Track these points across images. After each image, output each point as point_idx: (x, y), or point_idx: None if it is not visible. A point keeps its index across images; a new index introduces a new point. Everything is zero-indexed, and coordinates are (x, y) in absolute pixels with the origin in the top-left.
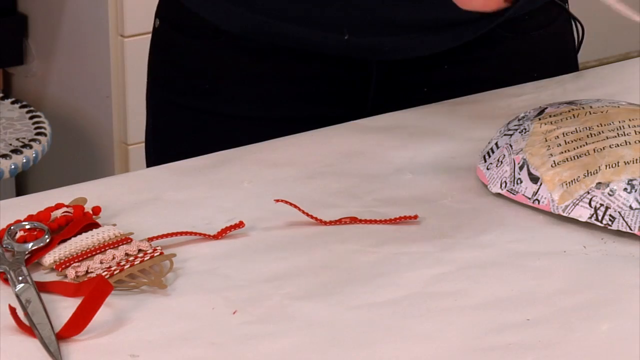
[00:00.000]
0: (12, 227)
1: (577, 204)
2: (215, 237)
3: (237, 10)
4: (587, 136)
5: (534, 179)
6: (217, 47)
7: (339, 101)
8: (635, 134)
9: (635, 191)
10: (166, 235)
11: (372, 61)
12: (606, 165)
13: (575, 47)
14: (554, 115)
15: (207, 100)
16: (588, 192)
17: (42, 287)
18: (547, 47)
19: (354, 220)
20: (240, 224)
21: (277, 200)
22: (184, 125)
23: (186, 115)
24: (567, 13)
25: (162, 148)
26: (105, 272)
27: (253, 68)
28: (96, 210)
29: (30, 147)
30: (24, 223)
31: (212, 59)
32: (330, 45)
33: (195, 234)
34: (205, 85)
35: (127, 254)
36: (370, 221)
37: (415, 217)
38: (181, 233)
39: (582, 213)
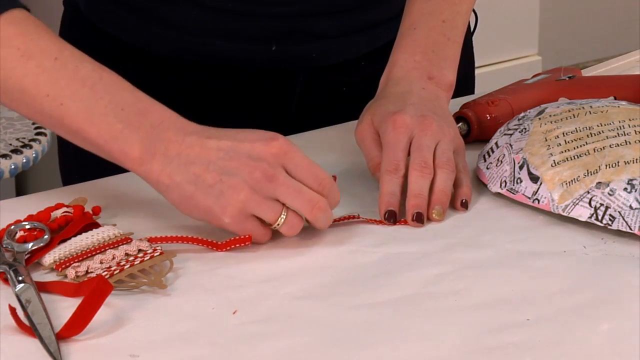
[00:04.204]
0: (12, 227)
1: (577, 204)
2: (220, 248)
3: (165, 33)
4: (587, 136)
5: (534, 179)
6: (144, 69)
7: (261, 112)
8: (635, 133)
9: (635, 191)
10: (167, 240)
11: (298, 69)
12: (606, 165)
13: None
14: (554, 115)
15: None
16: (588, 192)
17: (42, 287)
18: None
19: (353, 219)
20: (247, 239)
21: None
22: None
23: None
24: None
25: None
26: (105, 272)
27: (177, 85)
28: (96, 210)
29: (30, 147)
30: (24, 223)
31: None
32: (258, 58)
33: (198, 242)
34: None
35: (127, 254)
36: (370, 221)
37: None
38: (183, 240)
39: (582, 213)
